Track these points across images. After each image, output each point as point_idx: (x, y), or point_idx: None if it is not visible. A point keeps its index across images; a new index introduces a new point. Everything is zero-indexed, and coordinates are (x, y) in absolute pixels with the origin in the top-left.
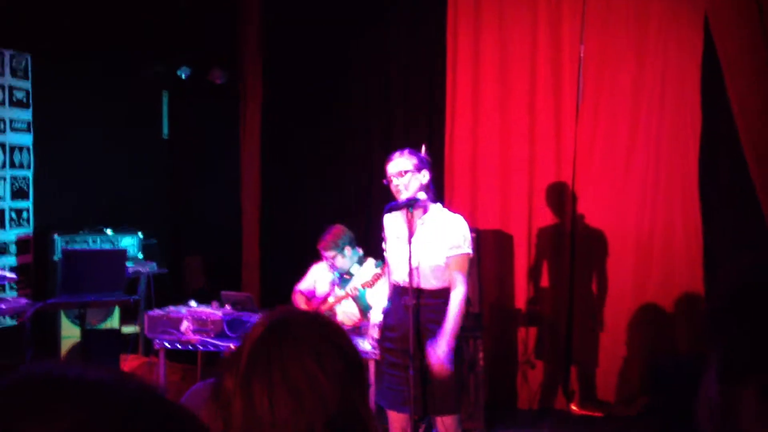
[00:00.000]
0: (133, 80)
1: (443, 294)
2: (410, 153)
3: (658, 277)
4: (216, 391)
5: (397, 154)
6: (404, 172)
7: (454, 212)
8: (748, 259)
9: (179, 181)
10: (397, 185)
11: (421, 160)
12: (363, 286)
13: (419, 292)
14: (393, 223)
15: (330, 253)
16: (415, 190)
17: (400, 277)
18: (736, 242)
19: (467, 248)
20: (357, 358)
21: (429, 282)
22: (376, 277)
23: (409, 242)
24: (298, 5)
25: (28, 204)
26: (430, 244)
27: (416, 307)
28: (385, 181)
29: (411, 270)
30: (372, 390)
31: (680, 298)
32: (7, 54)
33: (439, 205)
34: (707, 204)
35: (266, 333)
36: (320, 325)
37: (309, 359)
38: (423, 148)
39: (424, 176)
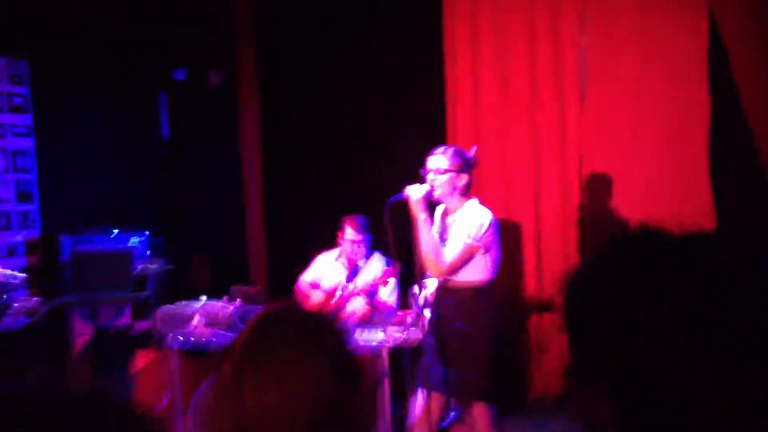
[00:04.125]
0: (131, 82)
1: (470, 287)
2: (454, 153)
3: None
4: (215, 380)
5: (440, 149)
6: (440, 170)
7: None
8: (587, 257)
9: (181, 179)
10: (431, 180)
11: (464, 162)
12: (375, 282)
13: (445, 285)
14: (436, 218)
15: (359, 236)
16: (445, 190)
17: None
18: (751, 230)
19: (467, 239)
20: (346, 358)
21: (454, 276)
22: (389, 274)
23: (390, 237)
24: (294, 8)
25: (33, 206)
26: (449, 241)
27: (441, 297)
28: (422, 170)
29: (417, 262)
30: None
31: None
32: (3, 61)
33: (473, 201)
34: (719, 190)
35: (257, 330)
36: (313, 325)
37: (298, 357)
38: (473, 148)
39: (461, 179)
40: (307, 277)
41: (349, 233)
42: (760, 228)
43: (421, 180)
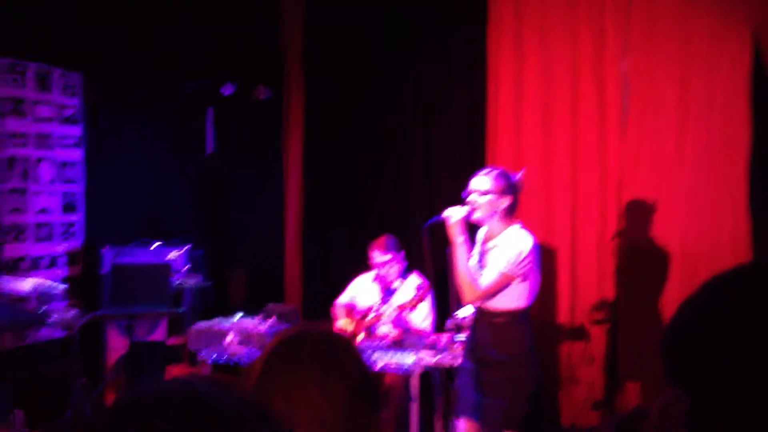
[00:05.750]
0: (179, 97)
1: (506, 314)
2: (498, 175)
3: None
4: None
5: (484, 171)
6: (481, 192)
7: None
8: (702, 293)
9: (224, 195)
10: (472, 201)
11: (508, 184)
12: (403, 307)
13: (481, 311)
14: (478, 241)
15: (386, 256)
16: (485, 212)
17: None
18: None
19: (503, 267)
20: (362, 381)
21: (490, 302)
22: (417, 299)
23: (427, 260)
24: (340, 24)
25: (77, 217)
26: (487, 267)
27: (477, 323)
28: (464, 193)
29: (451, 288)
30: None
31: None
32: (57, 72)
33: (515, 226)
34: (757, 221)
35: (276, 351)
36: (329, 346)
37: (311, 380)
38: (522, 171)
39: (503, 202)
40: (342, 299)
41: (376, 255)
42: None
43: (462, 202)
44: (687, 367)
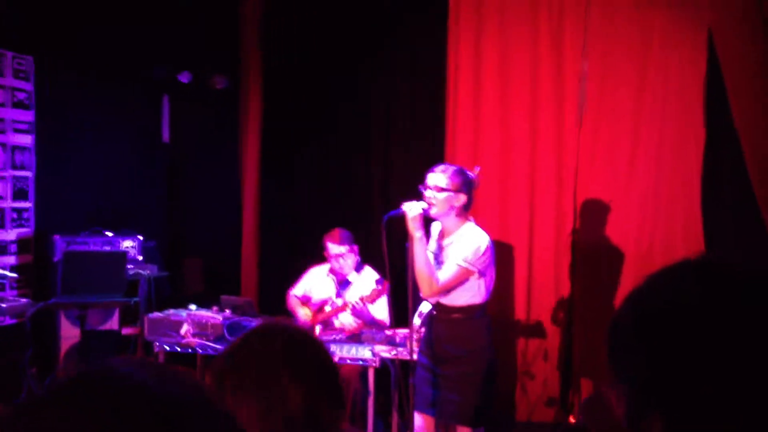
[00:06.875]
0: (134, 83)
1: (463, 310)
2: (455, 172)
3: None
4: None
5: (441, 167)
6: (438, 188)
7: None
8: (647, 282)
9: (179, 184)
10: (429, 198)
11: (464, 181)
12: (363, 300)
13: (439, 306)
14: (432, 236)
15: (341, 248)
16: (442, 208)
17: None
18: (740, 258)
19: (462, 262)
20: (330, 376)
21: (446, 298)
22: (377, 293)
23: (385, 254)
24: (298, 13)
25: (28, 204)
26: (446, 262)
27: (434, 319)
28: (421, 186)
29: (410, 287)
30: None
31: None
32: (9, 55)
33: (470, 223)
34: (710, 220)
35: (250, 338)
36: (300, 340)
37: (282, 367)
38: (477, 169)
39: (459, 199)
40: (297, 291)
41: (331, 248)
42: (751, 257)
43: (420, 197)
44: (629, 359)
